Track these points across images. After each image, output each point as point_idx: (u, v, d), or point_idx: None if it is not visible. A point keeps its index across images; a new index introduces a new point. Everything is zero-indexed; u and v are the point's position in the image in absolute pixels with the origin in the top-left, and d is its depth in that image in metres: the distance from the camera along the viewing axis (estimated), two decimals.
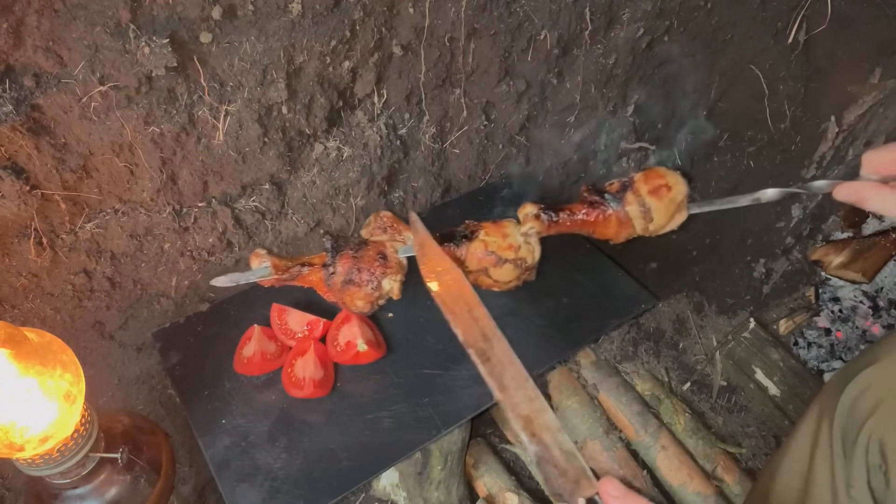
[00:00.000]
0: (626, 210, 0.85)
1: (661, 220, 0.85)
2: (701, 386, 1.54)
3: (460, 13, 0.93)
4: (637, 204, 0.85)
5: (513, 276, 0.87)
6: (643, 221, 0.85)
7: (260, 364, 0.88)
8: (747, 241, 1.77)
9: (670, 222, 0.86)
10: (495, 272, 0.85)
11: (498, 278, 0.86)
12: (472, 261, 0.85)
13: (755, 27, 1.33)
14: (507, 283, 0.88)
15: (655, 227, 0.86)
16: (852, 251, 1.73)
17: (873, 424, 0.74)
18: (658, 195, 0.84)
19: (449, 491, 1.10)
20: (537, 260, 0.89)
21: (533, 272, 0.91)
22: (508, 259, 0.83)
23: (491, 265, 0.84)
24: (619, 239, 0.89)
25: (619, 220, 0.86)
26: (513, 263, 0.84)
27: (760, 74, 1.41)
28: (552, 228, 0.88)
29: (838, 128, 1.55)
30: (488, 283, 0.87)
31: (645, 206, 0.85)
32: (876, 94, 1.49)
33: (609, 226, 0.87)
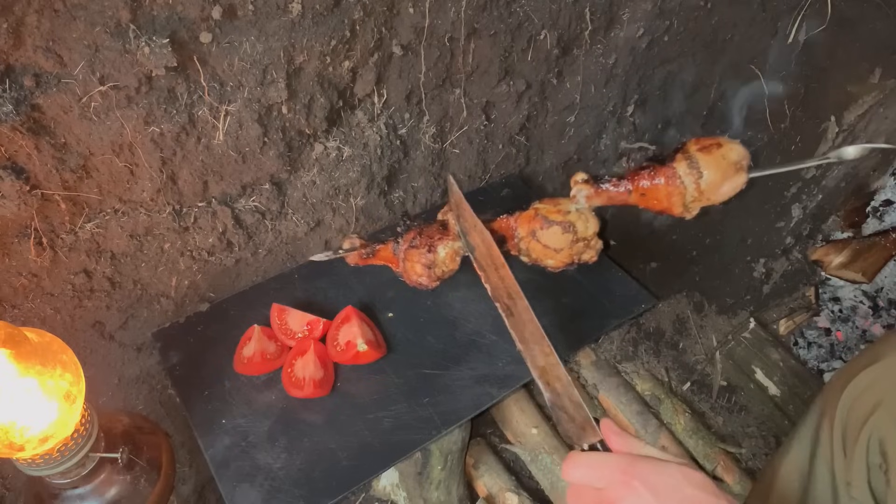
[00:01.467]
0: (674, 167, 0.82)
1: (712, 177, 0.80)
2: (701, 386, 1.54)
3: (460, 13, 0.93)
4: (685, 161, 0.81)
5: (563, 244, 0.84)
6: (692, 178, 0.80)
7: (260, 364, 0.88)
8: (747, 241, 1.77)
9: (725, 182, 0.80)
10: (543, 235, 0.83)
11: (547, 242, 0.84)
12: (523, 224, 0.85)
13: (755, 27, 1.33)
14: (560, 253, 0.85)
15: (707, 186, 0.81)
16: (852, 251, 1.73)
17: (874, 423, 0.74)
18: (708, 151, 0.81)
19: (449, 491, 1.10)
20: (592, 232, 0.85)
21: (592, 251, 0.86)
22: (556, 221, 0.83)
23: (538, 227, 0.83)
24: (675, 206, 0.83)
25: (667, 179, 0.82)
26: (561, 227, 0.83)
27: (760, 74, 1.41)
28: (602, 195, 0.85)
29: (838, 128, 1.55)
30: (539, 250, 0.85)
31: (693, 161, 0.81)
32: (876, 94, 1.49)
33: (659, 189, 0.82)
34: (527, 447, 1.25)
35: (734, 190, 0.82)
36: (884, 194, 1.74)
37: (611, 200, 0.87)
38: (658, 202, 0.85)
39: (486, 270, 0.73)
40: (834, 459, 0.80)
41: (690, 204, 0.84)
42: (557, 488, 1.20)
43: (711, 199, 0.83)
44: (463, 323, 0.97)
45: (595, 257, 0.87)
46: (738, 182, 0.81)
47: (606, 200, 0.87)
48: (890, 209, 1.73)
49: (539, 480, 1.24)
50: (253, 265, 1.02)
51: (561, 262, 0.87)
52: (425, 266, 0.84)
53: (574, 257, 0.87)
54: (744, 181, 0.81)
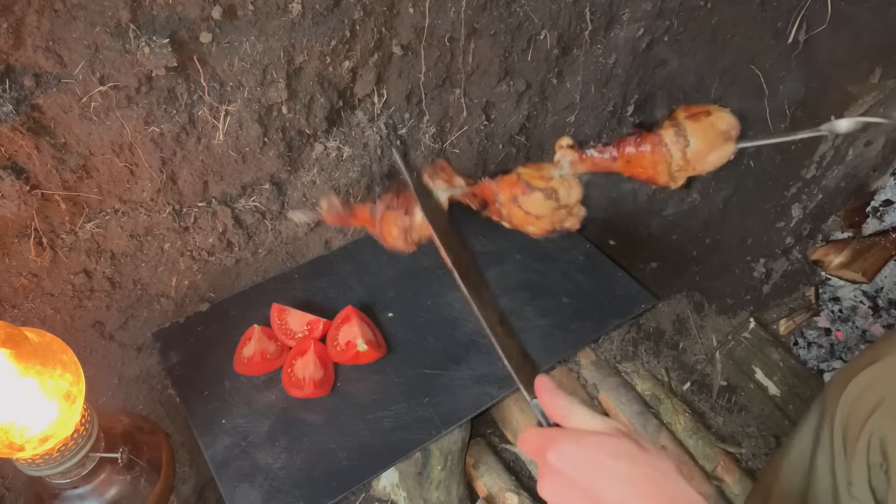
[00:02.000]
0: (661, 134, 0.80)
1: (699, 145, 0.78)
2: (701, 386, 1.54)
3: (460, 13, 0.93)
4: (672, 128, 0.80)
5: (545, 210, 0.83)
6: (679, 146, 0.79)
7: (260, 364, 0.88)
8: (747, 241, 1.77)
9: (713, 152, 0.79)
10: (524, 201, 0.82)
11: (528, 209, 0.82)
12: (504, 189, 0.84)
13: (755, 27, 1.33)
14: (541, 220, 0.83)
15: (694, 155, 0.79)
16: (852, 251, 1.73)
17: (874, 423, 0.74)
18: (696, 119, 0.79)
19: (449, 491, 1.10)
20: (575, 200, 0.84)
21: (574, 218, 0.84)
22: (539, 188, 0.81)
23: (520, 192, 0.82)
24: (660, 175, 0.82)
25: (653, 147, 0.80)
26: (543, 193, 0.81)
27: (760, 74, 1.41)
28: (586, 161, 0.84)
29: None
30: (521, 216, 0.84)
31: (680, 129, 0.79)
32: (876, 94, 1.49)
33: (644, 157, 0.81)
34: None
35: (721, 160, 0.80)
36: (884, 194, 1.75)
37: (595, 167, 0.85)
38: (643, 170, 0.83)
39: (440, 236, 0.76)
40: (835, 459, 0.80)
41: (676, 173, 0.82)
42: None
43: (697, 169, 0.81)
44: (463, 323, 0.97)
45: (577, 225, 0.86)
46: (726, 152, 0.79)
47: (591, 167, 0.85)
48: (890, 209, 1.73)
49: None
50: (253, 265, 1.02)
51: (542, 229, 0.85)
52: (402, 229, 0.83)
53: (556, 224, 0.85)
54: (732, 151, 0.79)
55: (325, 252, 1.08)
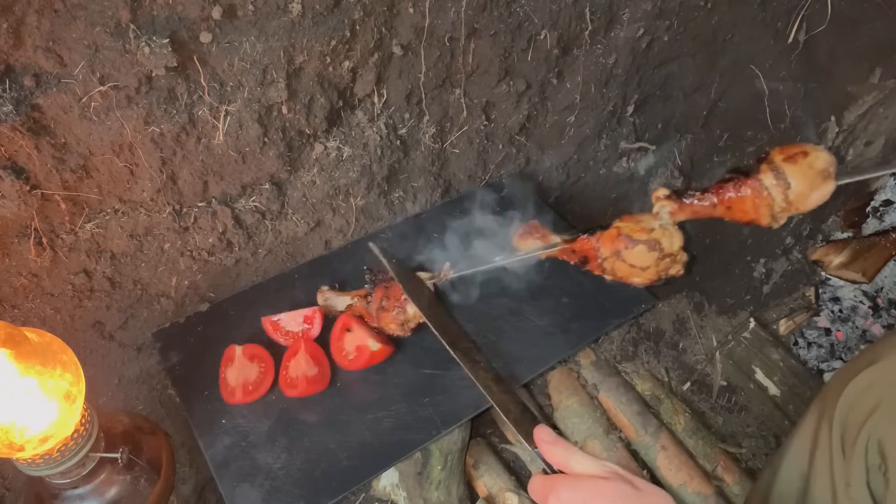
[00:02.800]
0: (760, 178, 0.81)
1: (800, 187, 0.79)
2: (701, 386, 1.54)
3: (460, 13, 0.93)
4: (771, 171, 0.80)
5: (649, 261, 0.84)
6: (780, 189, 0.79)
7: (242, 396, 0.86)
8: (747, 241, 1.77)
9: (814, 191, 0.79)
10: (628, 254, 0.83)
11: (633, 262, 0.84)
12: (606, 245, 0.86)
13: (755, 27, 1.33)
14: (646, 271, 0.85)
15: (796, 196, 0.79)
16: (852, 251, 1.73)
17: (872, 424, 0.74)
18: (793, 160, 0.80)
19: (449, 491, 1.10)
20: (677, 247, 0.85)
21: (678, 265, 0.86)
22: (641, 240, 0.82)
23: (623, 247, 0.83)
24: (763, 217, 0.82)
25: (753, 192, 0.81)
26: (646, 245, 0.83)
27: (760, 74, 1.41)
28: (685, 210, 0.85)
29: (838, 128, 1.55)
30: (625, 270, 0.85)
31: (779, 172, 0.79)
32: (876, 94, 1.49)
33: (745, 201, 0.81)
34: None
35: (823, 198, 0.80)
36: (884, 194, 1.75)
37: (695, 214, 0.86)
38: (744, 214, 0.83)
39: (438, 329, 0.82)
40: (833, 460, 0.80)
41: (778, 214, 0.82)
42: None
43: (800, 209, 0.82)
44: (463, 323, 0.97)
45: (682, 271, 0.87)
46: (827, 190, 0.79)
47: (690, 214, 0.86)
48: (890, 209, 1.73)
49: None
50: (253, 265, 1.02)
51: (648, 279, 0.87)
52: (399, 324, 0.90)
53: (661, 273, 0.86)
54: (831, 189, 0.79)
55: (325, 252, 1.08)
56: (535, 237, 0.93)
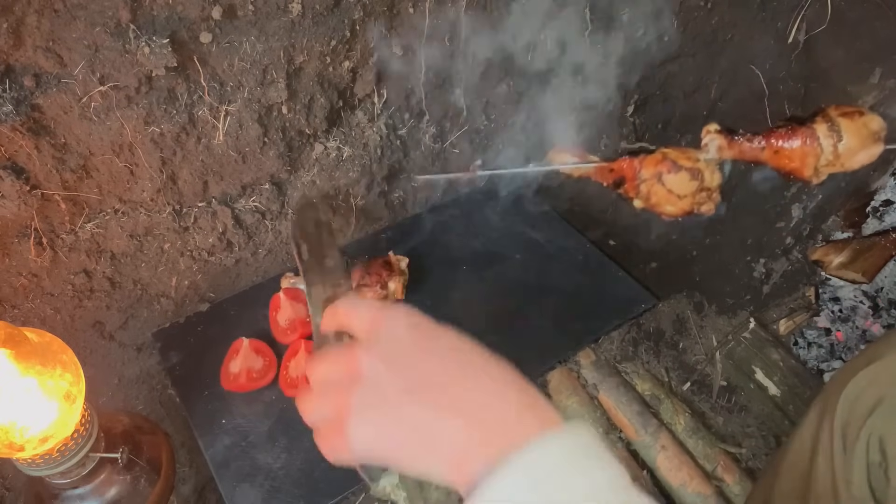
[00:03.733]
0: (814, 128, 0.81)
1: (851, 142, 0.80)
2: (701, 386, 1.54)
3: (460, 13, 0.93)
4: (825, 123, 0.81)
5: (688, 190, 0.84)
6: (831, 141, 0.80)
7: (245, 383, 0.86)
8: (747, 241, 1.77)
9: (863, 150, 0.80)
10: (669, 179, 0.83)
11: (672, 187, 0.83)
12: (649, 166, 0.85)
13: (755, 27, 1.33)
14: (682, 200, 0.85)
15: (846, 150, 0.80)
16: (852, 251, 1.73)
17: (874, 422, 0.74)
18: (850, 117, 0.81)
19: (449, 491, 1.10)
20: (717, 184, 0.85)
21: (711, 204, 0.86)
22: (685, 167, 0.83)
23: (666, 171, 0.83)
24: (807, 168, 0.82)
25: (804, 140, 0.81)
26: (689, 173, 0.83)
27: (760, 74, 1.41)
28: (734, 147, 0.85)
29: None
30: (663, 194, 0.85)
31: (834, 125, 0.80)
32: (876, 94, 1.49)
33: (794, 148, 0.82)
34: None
35: (869, 159, 0.81)
36: (884, 194, 1.75)
37: (742, 154, 0.85)
38: (790, 161, 0.83)
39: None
40: (834, 458, 0.80)
41: (822, 168, 0.83)
42: None
43: (845, 165, 0.82)
44: (463, 323, 0.96)
45: (713, 210, 0.87)
46: (875, 151, 0.80)
47: (738, 154, 0.85)
48: (890, 209, 1.73)
49: None
50: (253, 265, 1.02)
51: (681, 209, 0.86)
52: (380, 299, 0.91)
53: (694, 206, 0.86)
54: (880, 151, 0.80)
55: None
56: (572, 153, 0.90)
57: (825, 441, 0.81)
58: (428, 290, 1.01)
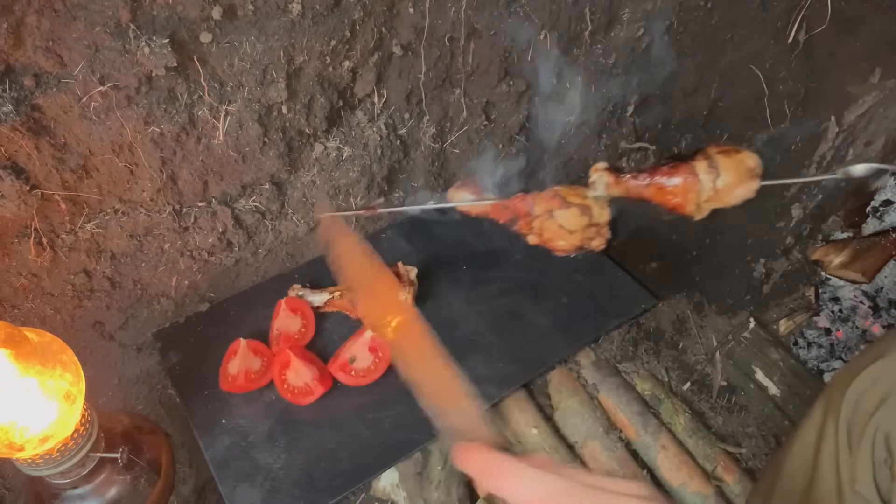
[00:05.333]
0: (693, 164, 0.86)
1: (728, 178, 0.84)
2: (701, 386, 1.54)
3: (460, 13, 0.93)
4: (704, 160, 0.86)
5: (578, 226, 0.87)
6: (710, 177, 0.85)
7: (243, 384, 0.87)
8: (747, 241, 1.77)
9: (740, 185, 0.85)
10: (560, 214, 0.87)
11: (562, 223, 0.87)
12: (541, 203, 0.89)
13: (755, 27, 1.33)
14: (572, 235, 0.88)
15: (724, 185, 0.85)
16: (852, 251, 1.73)
17: (879, 418, 0.74)
18: (727, 154, 0.86)
19: (449, 491, 1.10)
20: (605, 220, 0.89)
21: (602, 238, 0.89)
22: (574, 203, 0.86)
23: (557, 207, 0.87)
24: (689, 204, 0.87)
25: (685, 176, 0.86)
26: (579, 209, 0.86)
27: (760, 74, 1.41)
28: (621, 185, 0.89)
29: (838, 128, 1.55)
30: (554, 230, 0.88)
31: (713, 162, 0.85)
32: (876, 94, 1.49)
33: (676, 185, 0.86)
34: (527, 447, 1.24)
35: (746, 195, 0.85)
36: (884, 194, 1.75)
37: (628, 191, 0.90)
38: (673, 197, 0.88)
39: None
40: (839, 455, 0.80)
41: (703, 203, 0.87)
42: None
43: (724, 201, 0.86)
44: (463, 323, 0.97)
45: (603, 245, 0.91)
46: (752, 187, 0.85)
47: (624, 191, 0.90)
48: (890, 209, 1.73)
49: None
50: (253, 265, 1.02)
51: (572, 244, 0.89)
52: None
53: (584, 242, 0.89)
54: (756, 187, 0.85)
55: (325, 252, 1.08)
56: (470, 191, 0.94)
57: (829, 439, 0.81)
58: (428, 290, 1.01)
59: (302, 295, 0.96)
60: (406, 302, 0.91)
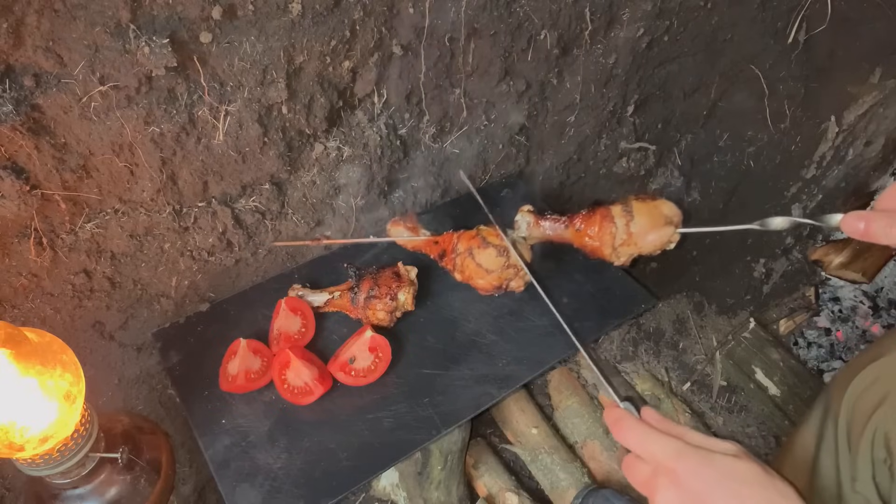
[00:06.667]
0: (610, 209, 0.90)
1: (642, 221, 0.88)
2: (701, 386, 1.54)
3: (460, 13, 0.93)
4: (621, 205, 0.91)
5: (495, 266, 0.90)
6: (624, 220, 0.89)
7: (243, 384, 0.87)
8: (747, 241, 1.77)
9: (653, 230, 0.88)
10: (479, 254, 0.90)
11: (481, 262, 0.90)
12: (464, 241, 0.92)
13: (755, 27, 1.33)
14: (490, 275, 0.91)
15: (638, 229, 0.88)
16: (852, 251, 1.73)
17: (879, 418, 0.74)
18: (642, 200, 0.90)
19: (449, 491, 1.10)
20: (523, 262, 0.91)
21: (520, 280, 0.92)
22: (493, 244, 0.89)
23: (476, 246, 0.90)
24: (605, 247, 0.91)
25: (601, 219, 0.90)
26: (496, 249, 0.89)
27: (760, 74, 1.41)
28: (540, 226, 0.94)
29: (838, 128, 1.55)
30: (472, 268, 0.91)
31: (628, 207, 0.90)
32: (876, 94, 1.49)
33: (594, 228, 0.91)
34: (527, 447, 1.25)
35: (661, 241, 0.89)
36: None
37: (549, 233, 0.95)
38: (591, 240, 0.92)
39: None
40: (839, 454, 0.80)
41: (619, 247, 0.91)
42: (557, 488, 1.19)
43: (639, 245, 0.90)
44: (463, 323, 0.97)
45: (522, 287, 0.94)
46: (666, 233, 0.88)
47: (545, 233, 0.95)
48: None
49: (539, 480, 1.23)
50: (253, 265, 1.02)
51: (490, 283, 0.93)
52: (388, 312, 0.92)
53: (503, 282, 0.93)
54: (670, 233, 0.88)
55: (325, 252, 1.08)
56: (406, 227, 0.98)
57: (829, 438, 0.82)
58: (428, 290, 1.01)
59: (302, 295, 0.96)
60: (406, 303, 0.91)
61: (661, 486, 0.49)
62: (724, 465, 0.49)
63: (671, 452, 0.49)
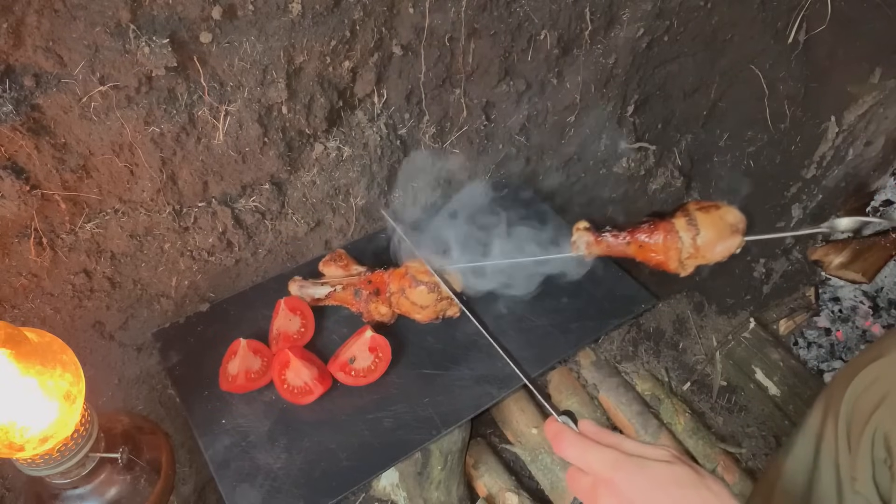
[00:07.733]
0: (674, 223, 0.87)
1: (708, 235, 0.85)
2: (701, 386, 1.54)
3: (460, 13, 0.93)
4: (684, 218, 0.87)
5: (428, 301, 0.92)
6: (690, 234, 0.86)
7: (243, 384, 0.87)
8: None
9: (721, 241, 0.85)
10: (411, 293, 0.91)
11: (414, 300, 0.91)
12: (395, 281, 0.93)
13: (755, 27, 1.33)
14: (426, 310, 0.93)
15: (704, 243, 0.86)
16: (852, 251, 1.73)
17: (879, 418, 0.74)
18: (706, 211, 0.87)
19: (449, 491, 1.10)
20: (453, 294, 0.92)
21: (455, 308, 0.94)
22: (423, 281, 0.91)
23: (407, 285, 0.91)
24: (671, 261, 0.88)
25: (666, 234, 0.87)
26: (427, 286, 0.91)
27: (760, 74, 1.41)
28: (601, 244, 0.91)
29: (838, 128, 1.55)
30: (408, 306, 0.92)
31: (692, 219, 0.86)
32: (876, 94, 1.49)
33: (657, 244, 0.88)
34: (527, 447, 1.25)
35: (728, 250, 0.86)
36: (884, 194, 1.75)
37: (609, 249, 0.91)
38: (655, 255, 0.89)
39: None
40: (838, 455, 0.80)
41: (686, 260, 0.88)
42: (557, 488, 1.20)
43: (707, 258, 0.87)
44: (463, 323, 0.97)
45: (458, 313, 0.95)
46: (733, 243, 0.86)
47: (605, 249, 0.91)
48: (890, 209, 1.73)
49: (539, 480, 1.24)
50: (253, 265, 1.02)
51: (427, 317, 0.94)
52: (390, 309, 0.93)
53: (439, 314, 0.94)
54: (738, 243, 0.86)
55: (325, 252, 1.08)
56: (338, 265, 0.99)
57: (829, 438, 0.82)
58: None
59: (303, 287, 0.95)
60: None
61: (601, 495, 0.51)
62: (657, 471, 0.50)
63: (608, 463, 0.51)
